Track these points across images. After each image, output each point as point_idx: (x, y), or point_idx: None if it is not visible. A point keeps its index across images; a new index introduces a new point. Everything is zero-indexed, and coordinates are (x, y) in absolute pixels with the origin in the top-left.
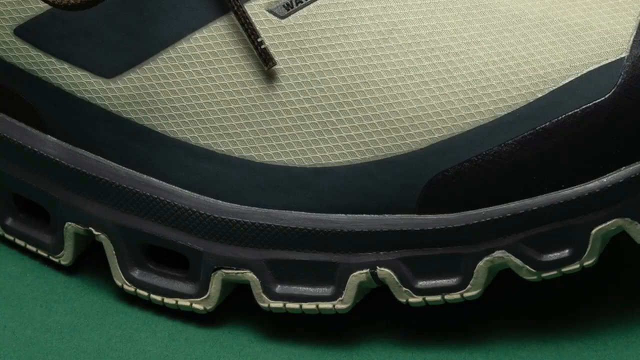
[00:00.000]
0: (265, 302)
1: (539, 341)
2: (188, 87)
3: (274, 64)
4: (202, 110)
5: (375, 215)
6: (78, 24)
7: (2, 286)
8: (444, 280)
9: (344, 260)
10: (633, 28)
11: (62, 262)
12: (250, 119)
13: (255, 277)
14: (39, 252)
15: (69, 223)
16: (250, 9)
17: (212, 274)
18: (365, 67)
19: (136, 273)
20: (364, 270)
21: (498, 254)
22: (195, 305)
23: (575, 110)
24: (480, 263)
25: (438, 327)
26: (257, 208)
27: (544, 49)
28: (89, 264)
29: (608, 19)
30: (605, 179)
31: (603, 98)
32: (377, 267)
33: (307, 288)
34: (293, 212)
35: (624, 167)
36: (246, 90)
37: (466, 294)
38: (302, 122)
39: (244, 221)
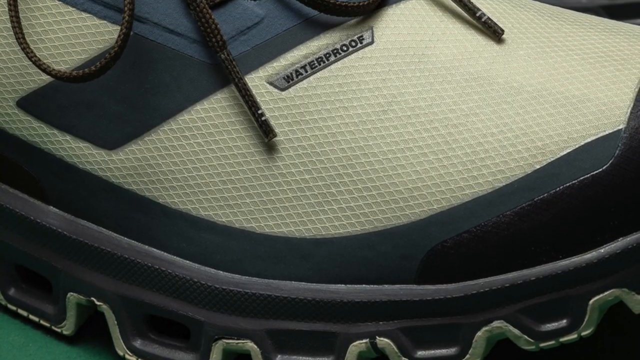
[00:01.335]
0: None
1: None
2: (189, 159)
3: (275, 135)
4: (203, 181)
5: (375, 286)
6: (80, 96)
7: (4, 356)
8: (443, 350)
9: (344, 330)
10: (630, 100)
11: (65, 332)
12: (250, 190)
13: (256, 346)
14: (42, 322)
15: (71, 293)
16: (251, 81)
17: (213, 344)
18: (365, 139)
19: (138, 343)
20: (364, 340)
21: (497, 323)
22: None
23: (573, 182)
24: (479, 333)
25: None
26: (257, 278)
27: (542, 120)
28: (91, 333)
29: (606, 91)
30: (603, 250)
31: (601, 169)
32: (377, 337)
33: (308, 357)
34: (293, 282)
35: (621, 238)
36: (247, 161)
37: None
38: (302, 194)
39: (245, 291)
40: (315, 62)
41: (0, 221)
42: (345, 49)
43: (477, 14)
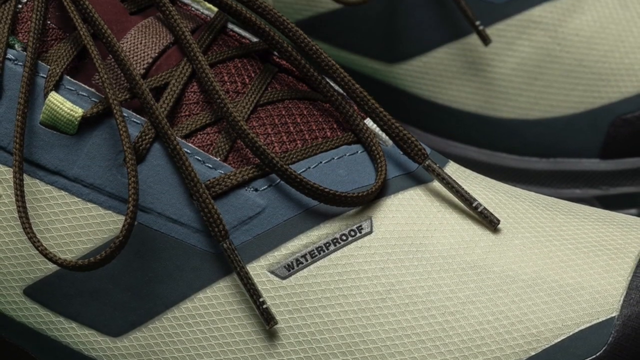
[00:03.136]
0: None
1: None
2: (192, 345)
3: (276, 323)
4: None
5: None
6: (85, 284)
7: None
8: None
9: None
10: (623, 288)
11: None
12: None
13: None
14: None
15: None
16: (253, 270)
17: None
18: (364, 327)
19: None
20: None
21: None
22: None
23: None
24: None
25: None
26: None
27: (537, 308)
28: None
29: (599, 280)
30: None
31: (594, 356)
32: None
33: None
34: None
35: None
36: (248, 348)
37: None
38: None
39: None
40: (316, 251)
41: None
42: (344, 238)
43: (474, 204)
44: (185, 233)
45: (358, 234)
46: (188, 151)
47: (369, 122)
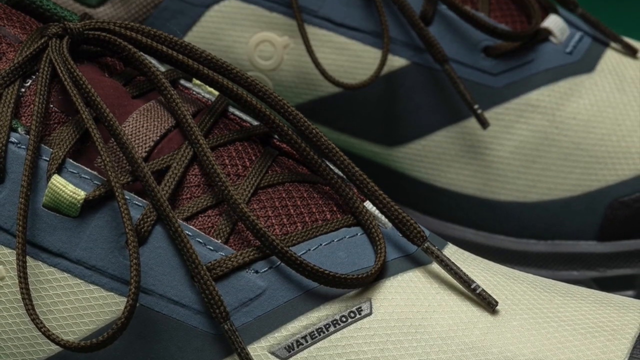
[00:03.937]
0: None
1: None
2: None
3: None
4: None
5: None
6: None
7: None
8: None
9: None
10: None
11: None
12: None
13: None
14: None
15: None
16: (253, 350)
17: None
18: None
19: None
20: None
21: None
22: None
23: None
24: None
25: None
26: None
27: None
28: None
29: None
30: None
31: None
32: None
33: None
34: None
35: None
36: None
37: None
38: None
39: None
40: (316, 332)
41: None
42: (344, 319)
43: (472, 286)
44: (186, 314)
45: (357, 316)
46: (189, 233)
47: (368, 204)
